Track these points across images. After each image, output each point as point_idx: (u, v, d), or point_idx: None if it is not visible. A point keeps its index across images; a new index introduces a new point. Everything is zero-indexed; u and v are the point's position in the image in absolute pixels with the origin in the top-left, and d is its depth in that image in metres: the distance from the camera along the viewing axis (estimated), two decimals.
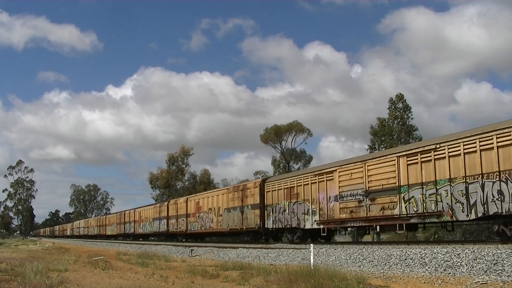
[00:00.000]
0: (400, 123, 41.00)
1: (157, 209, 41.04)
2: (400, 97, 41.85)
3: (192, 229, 33.07)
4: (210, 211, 30.22)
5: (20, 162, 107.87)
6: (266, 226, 23.90)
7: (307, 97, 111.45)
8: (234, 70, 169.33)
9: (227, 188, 29.85)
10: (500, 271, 9.31)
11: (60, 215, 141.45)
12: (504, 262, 9.63)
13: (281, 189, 22.95)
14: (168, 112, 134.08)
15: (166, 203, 40.00)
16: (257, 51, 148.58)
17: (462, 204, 13.84)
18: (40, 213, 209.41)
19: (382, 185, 16.79)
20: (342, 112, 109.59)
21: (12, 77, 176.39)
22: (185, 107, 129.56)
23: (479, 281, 8.78)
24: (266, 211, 23.97)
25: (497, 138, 13.00)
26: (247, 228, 25.39)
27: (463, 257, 10.61)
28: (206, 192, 36.34)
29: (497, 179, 12.85)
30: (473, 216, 13.56)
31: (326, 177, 19.78)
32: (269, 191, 23.91)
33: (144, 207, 46.65)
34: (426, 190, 15.09)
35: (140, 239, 46.57)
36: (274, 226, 23.31)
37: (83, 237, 71.07)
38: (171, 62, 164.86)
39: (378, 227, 17.93)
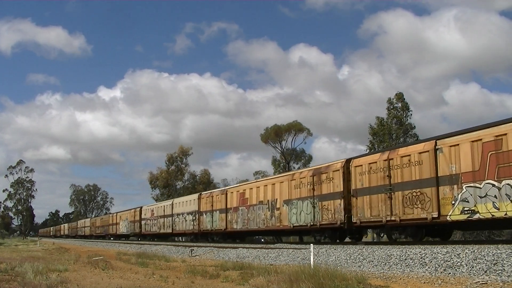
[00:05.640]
0: (399, 123, 41.02)
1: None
2: (400, 96, 41.93)
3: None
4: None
5: (20, 162, 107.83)
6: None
7: (295, 98, 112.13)
8: (220, 73, 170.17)
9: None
10: (500, 271, 9.31)
11: (60, 215, 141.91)
12: (504, 262, 9.64)
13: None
14: (159, 113, 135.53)
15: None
16: (242, 54, 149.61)
17: None
18: (40, 213, 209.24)
19: None
20: (331, 113, 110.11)
21: (2, 80, 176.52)
22: (175, 109, 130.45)
23: (479, 281, 8.78)
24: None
25: None
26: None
27: (463, 257, 10.61)
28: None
29: None
30: None
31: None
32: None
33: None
34: None
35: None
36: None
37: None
38: (157, 64, 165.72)
39: None
